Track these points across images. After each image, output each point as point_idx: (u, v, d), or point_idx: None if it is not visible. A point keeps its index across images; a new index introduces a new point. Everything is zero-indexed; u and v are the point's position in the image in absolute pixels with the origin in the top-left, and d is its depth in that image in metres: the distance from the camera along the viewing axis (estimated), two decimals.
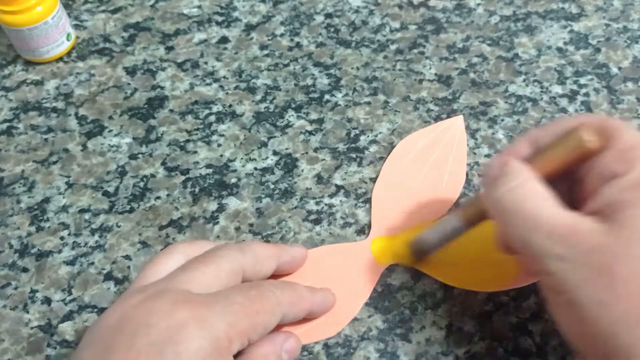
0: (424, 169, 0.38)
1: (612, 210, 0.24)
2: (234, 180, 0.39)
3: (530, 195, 0.26)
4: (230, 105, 0.43)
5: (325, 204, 0.38)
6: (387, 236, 0.35)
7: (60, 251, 0.36)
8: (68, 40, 0.46)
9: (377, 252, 0.35)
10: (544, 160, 0.27)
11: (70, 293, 0.35)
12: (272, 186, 0.39)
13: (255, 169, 0.39)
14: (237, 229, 0.37)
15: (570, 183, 0.27)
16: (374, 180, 0.38)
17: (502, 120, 0.41)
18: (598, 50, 0.45)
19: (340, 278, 0.34)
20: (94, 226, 0.37)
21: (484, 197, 0.29)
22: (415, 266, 0.34)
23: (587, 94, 0.42)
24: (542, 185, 0.26)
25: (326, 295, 0.32)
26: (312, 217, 0.37)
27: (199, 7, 0.50)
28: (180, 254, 0.30)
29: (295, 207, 0.37)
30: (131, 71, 0.45)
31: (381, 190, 0.38)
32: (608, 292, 0.23)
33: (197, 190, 0.39)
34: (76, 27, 0.48)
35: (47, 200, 0.38)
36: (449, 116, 0.42)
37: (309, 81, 0.44)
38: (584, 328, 0.24)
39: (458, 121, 0.41)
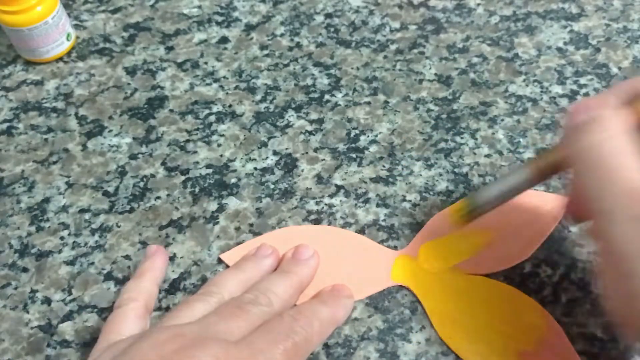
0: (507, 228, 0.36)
1: None
2: (234, 180, 0.39)
3: (619, 150, 0.25)
4: (230, 105, 0.43)
5: (325, 204, 0.38)
6: (411, 257, 0.35)
7: (60, 251, 0.36)
8: (68, 40, 0.46)
9: (396, 268, 0.35)
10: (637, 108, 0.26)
11: (70, 293, 0.35)
12: (272, 186, 0.39)
13: (255, 169, 0.39)
14: (237, 229, 0.37)
15: None
16: (374, 180, 0.38)
17: (502, 120, 0.41)
18: (598, 50, 0.45)
19: (352, 267, 0.34)
20: (94, 226, 0.37)
21: (564, 142, 0.27)
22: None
23: (587, 94, 0.42)
24: (631, 140, 0.25)
25: (347, 305, 0.33)
26: (312, 217, 0.37)
27: (199, 7, 0.50)
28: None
29: (295, 207, 0.37)
30: (131, 71, 0.45)
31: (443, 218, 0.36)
32: None
33: (197, 190, 0.39)
34: (76, 27, 0.48)
35: (47, 200, 0.38)
36: (448, 116, 0.42)
37: (309, 81, 0.44)
38: (628, 283, 0.23)
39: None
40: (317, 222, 0.37)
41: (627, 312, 0.24)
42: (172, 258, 0.36)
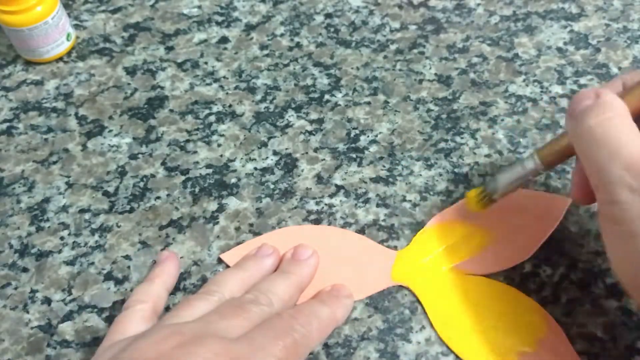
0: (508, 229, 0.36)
1: None
2: (234, 180, 0.39)
3: (620, 128, 0.26)
4: (230, 105, 0.43)
5: (325, 204, 0.38)
6: (411, 257, 0.35)
7: (60, 251, 0.36)
8: (68, 40, 0.46)
9: (396, 268, 0.35)
10: (634, 97, 0.28)
11: (70, 293, 0.35)
12: (272, 186, 0.39)
13: (255, 169, 0.39)
14: (237, 229, 0.37)
15: None
16: (374, 180, 0.38)
17: (502, 120, 0.41)
18: (598, 50, 0.45)
19: (352, 267, 0.35)
20: (94, 226, 0.37)
21: (570, 128, 0.29)
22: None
23: None
24: (631, 120, 0.27)
25: (347, 305, 0.33)
26: (312, 217, 0.37)
27: (199, 7, 0.50)
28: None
29: (295, 207, 0.37)
30: (131, 71, 0.45)
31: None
32: None
33: (197, 190, 0.39)
34: (76, 27, 0.48)
35: (47, 200, 0.38)
36: (448, 116, 0.42)
37: (309, 81, 0.44)
38: (635, 257, 0.25)
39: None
40: (317, 222, 0.37)
41: (632, 271, 0.26)
42: None
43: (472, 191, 0.34)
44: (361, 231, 0.36)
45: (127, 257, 0.36)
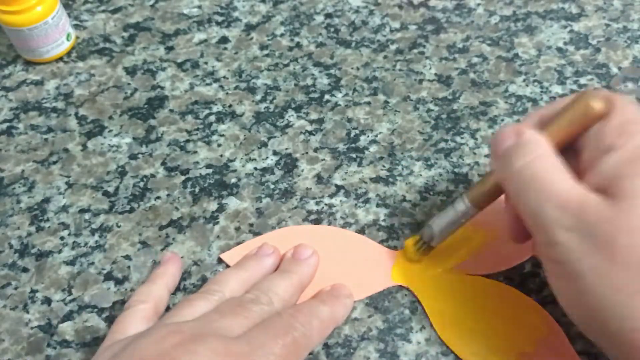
0: None
1: (610, 183, 0.25)
2: (234, 180, 0.39)
3: (547, 168, 0.26)
4: (230, 105, 0.43)
5: (325, 204, 0.38)
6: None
7: (60, 251, 0.36)
8: (68, 40, 0.46)
9: (396, 268, 0.35)
10: (553, 130, 0.27)
11: (70, 293, 0.35)
12: (272, 186, 0.39)
13: (255, 169, 0.39)
14: (237, 229, 0.37)
15: (568, 156, 0.28)
16: (373, 180, 0.38)
17: (502, 120, 0.41)
18: (598, 50, 0.45)
19: (352, 267, 0.35)
20: (94, 226, 0.37)
21: (496, 168, 0.29)
22: (414, 285, 0.34)
23: None
24: (557, 157, 0.26)
25: (347, 305, 0.33)
26: (312, 217, 0.37)
27: (199, 7, 0.50)
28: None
29: (295, 207, 0.37)
30: (131, 71, 0.45)
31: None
32: (608, 263, 0.24)
33: (197, 190, 0.39)
34: (76, 27, 0.48)
35: (47, 200, 0.38)
36: (448, 116, 0.42)
37: (309, 81, 0.44)
38: (582, 298, 0.25)
39: None
40: (317, 222, 0.37)
41: (584, 313, 0.25)
42: None
43: (409, 240, 0.34)
44: (361, 231, 0.36)
45: (127, 257, 0.36)
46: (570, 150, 0.28)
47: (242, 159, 0.40)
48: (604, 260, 0.24)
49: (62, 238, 0.37)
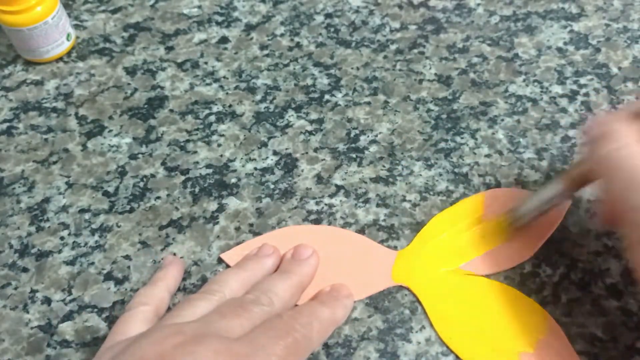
0: None
1: None
2: (234, 180, 0.39)
3: (632, 155, 0.28)
4: (230, 105, 0.43)
5: (325, 204, 0.38)
6: (411, 257, 0.35)
7: (60, 251, 0.36)
8: (68, 40, 0.46)
9: (396, 268, 0.35)
10: None
11: (70, 293, 0.35)
12: (272, 186, 0.39)
13: (255, 169, 0.39)
14: (237, 229, 0.37)
15: None
16: (373, 180, 0.38)
17: (502, 120, 0.41)
18: (598, 50, 0.45)
19: (352, 267, 0.35)
20: (94, 226, 0.37)
21: (588, 156, 0.30)
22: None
23: (587, 94, 0.42)
24: None
25: (347, 305, 0.33)
26: (312, 217, 0.37)
27: (199, 7, 0.50)
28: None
29: (295, 207, 0.37)
30: (131, 71, 0.45)
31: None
32: None
33: (197, 190, 0.39)
34: (76, 27, 0.48)
35: (47, 200, 0.38)
36: (448, 116, 0.42)
37: (309, 81, 0.44)
38: None
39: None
40: (317, 222, 0.37)
41: None
42: None
43: (498, 216, 0.35)
44: (361, 231, 0.36)
45: (127, 257, 0.36)
46: None
47: (242, 159, 0.40)
48: None
49: (62, 238, 0.37)
